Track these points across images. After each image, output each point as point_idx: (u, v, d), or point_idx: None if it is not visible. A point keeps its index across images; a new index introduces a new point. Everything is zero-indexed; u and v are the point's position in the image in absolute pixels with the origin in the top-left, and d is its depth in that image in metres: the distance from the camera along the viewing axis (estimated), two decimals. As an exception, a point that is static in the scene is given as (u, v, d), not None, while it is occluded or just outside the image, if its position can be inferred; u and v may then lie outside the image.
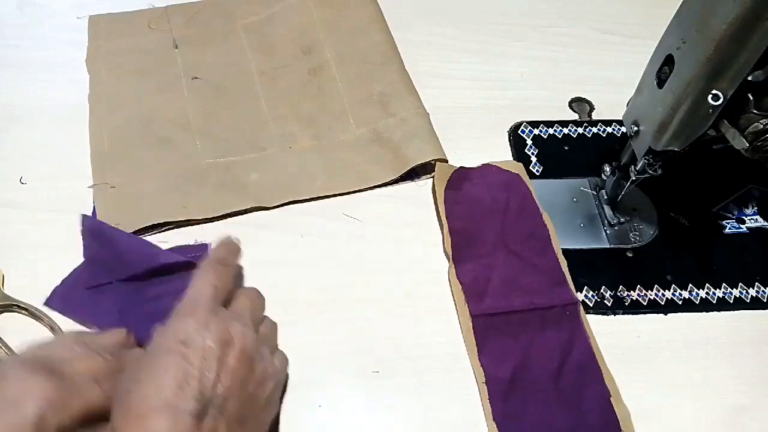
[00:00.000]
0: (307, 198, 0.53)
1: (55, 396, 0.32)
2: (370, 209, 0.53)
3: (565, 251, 0.51)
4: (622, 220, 0.53)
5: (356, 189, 0.53)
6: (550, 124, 0.59)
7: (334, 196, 0.53)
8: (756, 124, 0.43)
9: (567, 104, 0.61)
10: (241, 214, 0.52)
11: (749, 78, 0.40)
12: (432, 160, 0.54)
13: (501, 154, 0.57)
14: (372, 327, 0.47)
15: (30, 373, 0.33)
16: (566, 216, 0.53)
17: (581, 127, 0.59)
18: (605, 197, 0.53)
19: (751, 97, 0.42)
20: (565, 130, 0.58)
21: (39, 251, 0.49)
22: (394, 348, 0.46)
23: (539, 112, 0.59)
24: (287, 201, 0.52)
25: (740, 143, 0.43)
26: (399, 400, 0.44)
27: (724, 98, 0.40)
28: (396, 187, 0.54)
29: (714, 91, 0.40)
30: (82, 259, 0.48)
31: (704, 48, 0.38)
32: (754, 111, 0.43)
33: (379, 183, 0.53)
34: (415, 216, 0.53)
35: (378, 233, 0.52)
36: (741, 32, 0.37)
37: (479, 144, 0.57)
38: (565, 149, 0.57)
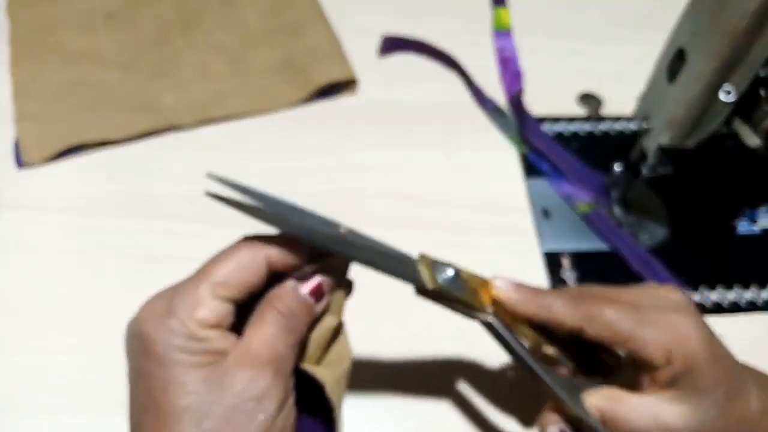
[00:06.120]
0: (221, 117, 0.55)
1: None
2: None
3: (574, 253, 0.50)
4: (632, 220, 0.52)
5: (270, 109, 0.56)
6: (556, 120, 0.58)
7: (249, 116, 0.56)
8: (770, 120, 0.42)
9: (574, 100, 0.60)
10: (156, 134, 0.54)
11: (761, 74, 0.40)
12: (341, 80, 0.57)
13: (506, 152, 0.56)
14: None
15: None
16: (575, 216, 0.52)
17: (589, 123, 0.58)
18: (615, 196, 0.52)
19: (764, 94, 0.42)
20: (573, 127, 0.57)
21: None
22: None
23: (545, 108, 0.58)
24: (201, 120, 0.55)
25: (753, 140, 0.42)
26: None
27: (736, 94, 0.40)
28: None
29: (726, 87, 0.40)
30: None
31: (717, 42, 0.38)
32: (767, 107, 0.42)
33: (292, 102, 0.57)
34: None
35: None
36: (755, 26, 0.36)
37: (485, 141, 0.57)
38: (573, 147, 0.56)
